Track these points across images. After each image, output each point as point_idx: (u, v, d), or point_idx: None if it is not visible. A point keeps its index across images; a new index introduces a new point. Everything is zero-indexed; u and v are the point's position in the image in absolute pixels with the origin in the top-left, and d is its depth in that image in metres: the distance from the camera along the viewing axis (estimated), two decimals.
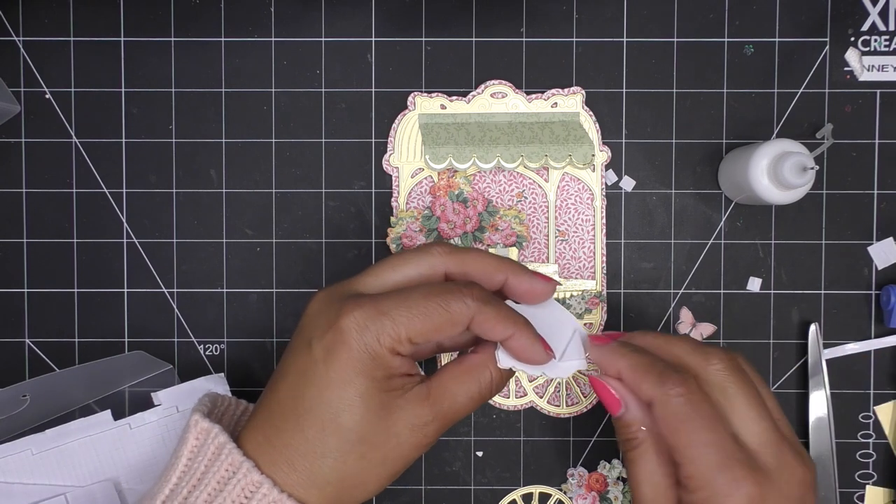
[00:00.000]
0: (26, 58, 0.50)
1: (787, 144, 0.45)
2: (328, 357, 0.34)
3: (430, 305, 0.35)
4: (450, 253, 0.37)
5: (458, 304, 0.35)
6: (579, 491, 0.50)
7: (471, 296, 0.35)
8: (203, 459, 0.36)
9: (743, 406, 0.35)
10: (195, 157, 0.50)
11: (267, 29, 0.50)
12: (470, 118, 0.50)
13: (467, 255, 0.37)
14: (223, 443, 0.35)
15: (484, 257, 0.38)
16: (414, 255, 0.37)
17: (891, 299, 0.49)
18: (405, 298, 0.35)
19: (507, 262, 0.38)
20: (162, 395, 0.46)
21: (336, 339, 0.34)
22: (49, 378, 0.45)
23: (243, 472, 0.34)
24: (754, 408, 0.35)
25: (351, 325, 0.34)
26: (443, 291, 0.35)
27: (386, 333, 0.34)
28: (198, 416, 0.37)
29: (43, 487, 0.44)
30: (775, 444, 0.34)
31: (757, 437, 0.34)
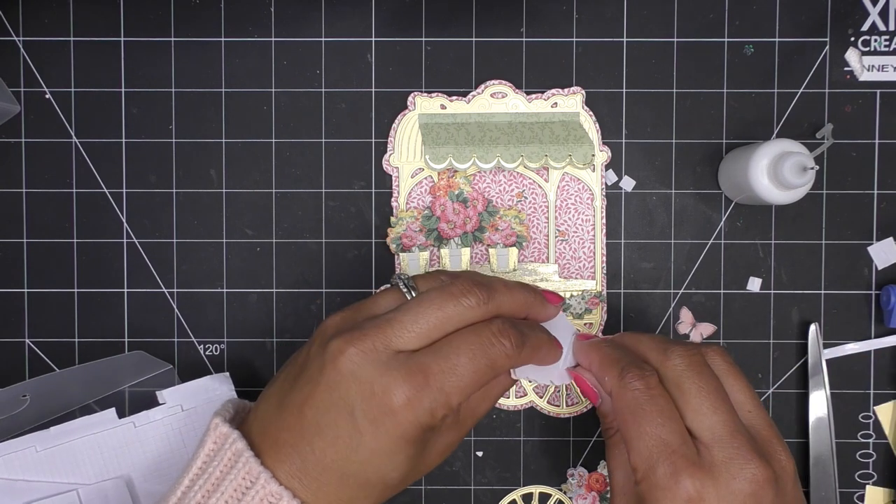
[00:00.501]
0: (26, 58, 0.50)
1: (787, 144, 0.45)
2: (377, 431, 0.34)
3: (478, 367, 0.35)
4: (486, 303, 0.37)
5: (503, 360, 0.36)
6: (579, 491, 0.50)
7: (510, 344, 0.36)
8: (219, 465, 0.35)
9: (696, 400, 0.35)
10: (195, 157, 0.50)
11: (267, 29, 0.50)
12: (470, 118, 0.50)
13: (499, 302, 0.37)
14: (240, 450, 0.35)
15: (513, 301, 0.38)
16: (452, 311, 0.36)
17: (891, 299, 0.49)
18: (454, 365, 0.35)
19: (530, 298, 0.38)
20: (167, 393, 0.46)
21: (386, 416, 0.34)
22: (49, 378, 0.45)
23: (261, 483, 0.34)
24: (708, 402, 0.35)
25: (402, 402, 0.34)
26: (487, 349, 0.35)
27: (439, 407, 0.34)
28: (218, 420, 0.37)
29: (47, 485, 0.44)
30: (728, 438, 0.34)
31: (709, 431, 0.34)
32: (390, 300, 0.38)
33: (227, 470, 0.35)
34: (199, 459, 0.36)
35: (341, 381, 0.34)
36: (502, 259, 0.50)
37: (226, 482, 0.35)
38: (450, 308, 0.36)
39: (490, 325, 0.36)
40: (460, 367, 0.34)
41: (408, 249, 0.50)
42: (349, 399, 0.34)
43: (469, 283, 0.37)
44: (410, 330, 0.35)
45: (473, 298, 0.36)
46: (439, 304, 0.36)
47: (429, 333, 0.35)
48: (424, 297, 0.36)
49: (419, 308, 0.36)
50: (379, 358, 0.34)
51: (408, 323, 0.35)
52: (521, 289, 0.38)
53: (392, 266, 0.50)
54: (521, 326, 0.37)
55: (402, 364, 0.34)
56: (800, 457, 0.50)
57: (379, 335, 0.35)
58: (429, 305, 0.36)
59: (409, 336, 0.35)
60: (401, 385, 0.34)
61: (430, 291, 0.36)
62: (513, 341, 0.36)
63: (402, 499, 0.50)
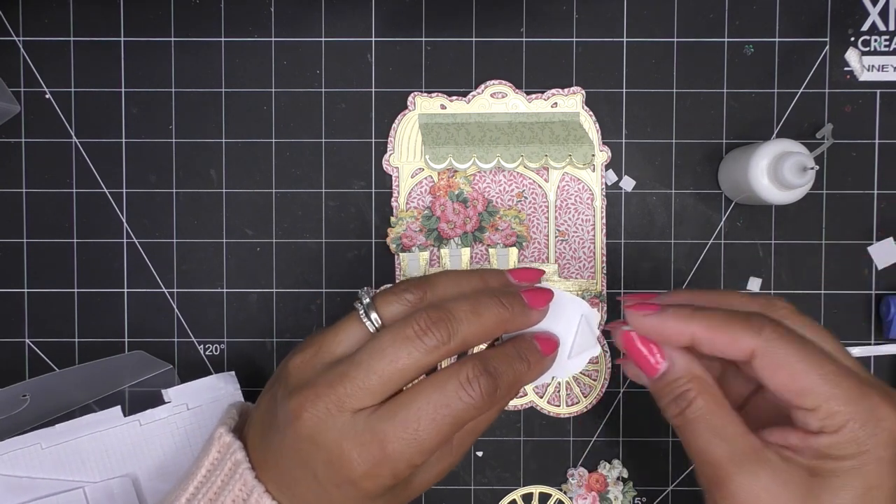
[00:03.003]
0: (26, 58, 0.50)
1: (787, 144, 0.45)
2: (342, 493, 0.33)
3: (440, 428, 0.32)
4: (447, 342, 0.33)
5: (471, 413, 0.33)
6: (579, 491, 0.50)
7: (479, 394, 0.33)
8: (220, 474, 0.35)
9: (826, 344, 0.33)
10: (195, 157, 0.50)
11: (267, 29, 0.50)
12: (470, 118, 0.50)
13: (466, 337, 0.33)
14: (239, 461, 0.35)
15: (481, 328, 0.34)
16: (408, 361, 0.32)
17: (891, 310, 0.49)
18: (413, 431, 0.32)
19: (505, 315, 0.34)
20: (172, 392, 0.46)
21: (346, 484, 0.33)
22: (49, 378, 0.45)
23: (255, 497, 0.34)
24: (834, 345, 0.33)
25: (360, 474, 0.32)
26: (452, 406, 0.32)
27: (402, 471, 0.32)
28: (222, 430, 0.36)
29: (52, 482, 0.44)
30: (865, 373, 0.32)
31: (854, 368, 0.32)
32: (350, 335, 0.35)
33: (227, 480, 0.35)
34: (203, 468, 0.36)
35: (301, 444, 0.33)
36: (502, 259, 0.50)
37: (225, 492, 0.35)
38: (403, 358, 0.32)
39: (457, 374, 0.33)
40: (422, 433, 0.32)
41: (408, 249, 0.50)
42: (311, 463, 0.33)
43: (426, 319, 0.33)
44: (363, 387, 0.32)
45: (431, 340, 0.33)
46: (392, 354, 0.32)
47: (383, 389, 0.33)
48: (376, 345, 0.33)
49: (370, 361, 0.33)
50: (334, 423, 0.32)
51: (359, 380, 0.32)
52: (493, 308, 0.34)
53: (392, 266, 0.50)
54: (494, 363, 0.33)
55: (358, 432, 0.32)
56: None
57: (331, 396, 0.32)
58: (380, 357, 0.32)
59: (363, 394, 0.32)
60: (356, 459, 0.32)
61: (382, 336, 0.33)
62: (483, 391, 0.32)
63: None
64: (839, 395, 0.31)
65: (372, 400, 0.33)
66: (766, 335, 0.32)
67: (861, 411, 0.30)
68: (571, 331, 0.36)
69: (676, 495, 0.50)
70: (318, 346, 0.35)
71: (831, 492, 0.30)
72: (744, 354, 0.32)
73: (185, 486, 0.36)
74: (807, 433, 0.31)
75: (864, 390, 0.31)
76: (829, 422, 0.31)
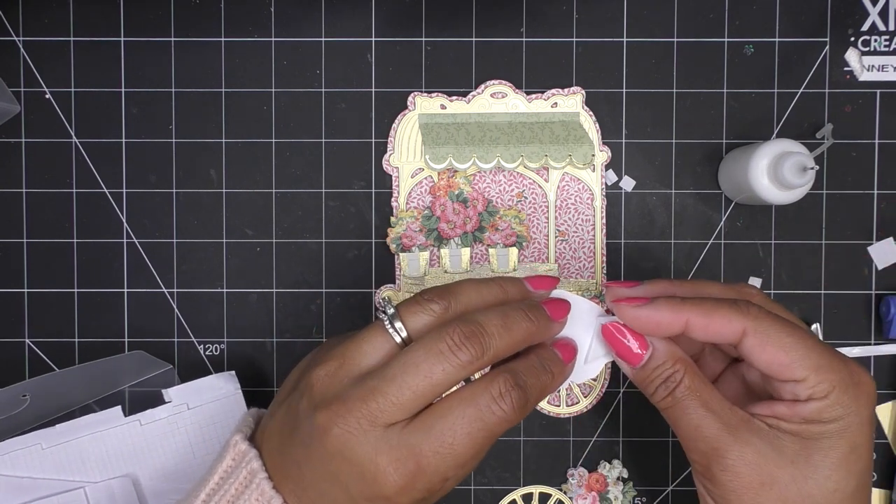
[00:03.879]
0: (26, 58, 0.50)
1: (787, 144, 0.45)
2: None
3: (475, 441, 0.32)
4: (480, 357, 0.33)
5: (503, 426, 0.33)
6: (579, 491, 0.50)
7: (511, 408, 0.33)
8: (234, 482, 0.35)
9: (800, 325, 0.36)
10: (195, 157, 0.50)
11: (267, 29, 0.50)
12: (470, 118, 0.50)
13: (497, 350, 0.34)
14: (255, 470, 0.35)
15: (511, 341, 0.34)
16: (441, 376, 0.33)
17: (890, 310, 0.49)
18: (449, 445, 0.32)
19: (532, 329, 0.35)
20: (172, 392, 0.46)
21: (380, 499, 0.32)
22: (49, 378, 0.45)
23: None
24: (800, 325, 0.36)
25: (395, 490, 0.32)
26: (485, 419, 0.32)
27: (436, 484, 0.32)
28: (238, 438, 0.36)
29: (53, 482, 0.44)
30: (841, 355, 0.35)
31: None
32: (376, 347, 0.35)
33: (242, 489, 0.35)
34: (216, 474, 0.36)
35: (331, 459, 0.32)
36: (502, 259, 0.50)
37: (240, 502, 0.34)
38: (438, 373, 0.32)
39: (489, 389, 0.33)
40: (457, 447, 0.32)
41: (408, 249, 0.50)
42: (341, 478, 0.33)
43: (460, 334, 0.33)
44: (395, 403, 0.32)
45: (465, 356, 0.33)
46: (426, 370, 0.32)
47: (417, 404, 0.32)
48: (410, 359, 0.33)
49: (404, 377, 0.32)
50: (367, 438, 0.32)
51: (392, 395, 0.32)
52: (521, 322, 0.34)
53: (392, 266, 0.50)
54: (524, 377, 0.34)
55: (393, 447, 0.32)
56: None
57: (363, 410, 0.32)
58: (415, 373, 0.32)
59: (395, 410, 0.32)
60: (392, 473, 0.32)
61: (415, 350, 0.33)
62: (515, 405, 0.33)
63: None
64: (824, 365, 0.33)
65: (404, 415, 0.33)
66: (755, 315, 0.34)
67: (844, 378, 0.33)
68: (588, 336, 0.37)
69: (676, 495, 0.50)
70: (343, 359, 0.35)
71: (822, 452, 0.33)
72: (736, 335, 0.34)
73: (196, 492, 0.36)
74: (794, 402, 0.34)
75: (843, 359, 0.34)
76: (817, 389, 0.33)
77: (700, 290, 0.36)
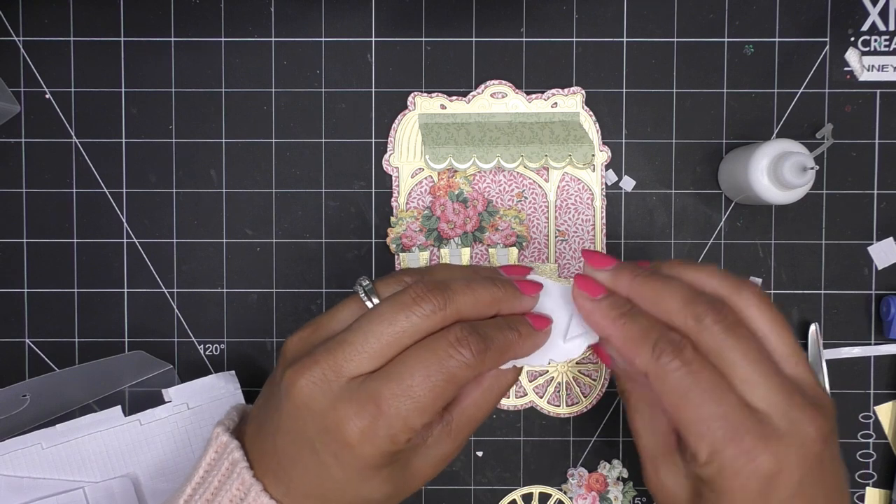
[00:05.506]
0: (26, 58, 0.50)
1: (787, 144, 0.45)
2: (340, 463, 0.33)
3: (434, 385, 0.32)
4: (442, 309, 0.34)
5: (463, 371, 0.33)
6: (579, 491, 0.50)
7: (470, 353, 0.33)
8: (217, 474, 0.35)
9: (744, 370, 0.32)
10: (195, 157, 0.50)
11: (267, 29, 0.50)
12: (470, 118, 0.50)
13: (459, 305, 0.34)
14: (236, 460, 0.35)
15: (476, 301, 0.35)
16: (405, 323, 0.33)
17: (891, 310, 0.49)
18: (408, 387, 0.32)
19: (497, 293, 0.35)
20: (172, 391, 0.46)
21: (344, 450, 0.33)
22: (49, 378, 0.45)
23: (253, 495, 0.34)
24: (756, 367, 0.32)
25: (357, 435, 0.32)
26: (443, 363, 0.33)
27: (398, 434, 0.33)
28: (219, 430, 0.37)
29: (53, 482, 0.44)
30: (785, 402, 0.32)
31: (765, 401, 0.32)
32: (349, 312, 0.36)
33: (224, 480, 0.35)
34: (201, 469, 0.36)
35: (297, 414, 0.33)
36: (502, 259, 0.50)
37: (222, 492, 0.35)
38: (401, 321, 0.33)
39: (446, 335, 0.33)
40: (415, 388, 0.32)
41: (408, 249, 0.50)
42: (307, 433, 0.33)
43: (423, 288, 0.34)
44: (361, 352, 0.33)
45: (428, 306, 0.33)
46: (390, 317, 0.33)
47: (381, 352, 0.33)
48: (375, 311, 0.34)
49: (369, 325, 0.33)
50: (330, 388, 0.33)
51: (357, 344, 0.33)
52: (486, 285, 0.35)
53: (392, 266, 0.50)
54: (484, 329, 0.34)
55: (353, 394, 0.32)
56: None
57: (329, 362, 0.33)
58: (379, 321, 0.33)
59: (361, 359, 0.33)
60: (352, 418, 0.32)
61: (381, 304, 0.34)
62: (473, 349, 0.33)
63: None
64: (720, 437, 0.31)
65: (369, 365, 0.33)
66: (662, 363, 0.32)
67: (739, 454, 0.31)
68: (566, 315, 0.37)
69: None
70: (316, 326, 0.36)
71: None
72: (642, 372, 0.33)
73: (183, 487, 0.36)
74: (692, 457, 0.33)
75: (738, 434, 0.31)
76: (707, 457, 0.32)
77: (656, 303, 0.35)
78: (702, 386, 0.32)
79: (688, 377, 0.32)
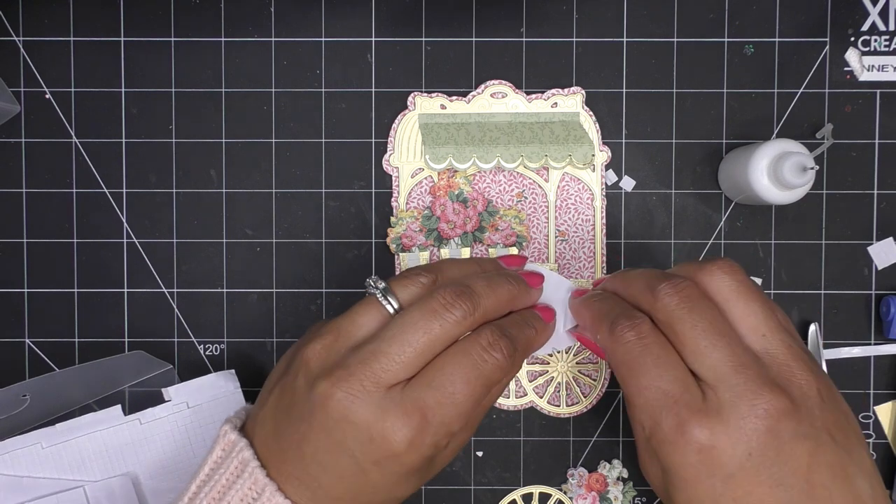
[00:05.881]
0: (26, 58, 0.50)
1: (787, 144, 0.45)
2: (382, 470, 0.33)
3: (474, 389, 0.33)
4: (472, 314, 0.35)
5: (498, 374, 0.34)
6: (579, 491, 0.50)
7: (503, 356, 0.34)
8: (225, 472, 0.35)
9: (692, 339, 0.32)
10: (195, 157, 0.50)
11: (267, 29, 0.50)
12: (470, 118, 0.50)
13: (486, 309, 0.35)
14: (247, 459, 0.35)
15: (497, 300, 0.36)
16: (439, 332, 0.34)
17: (891, 310, 0.49)
18: (451, 395, 0.33)
19: (514, 291, 0.37)
20: (172, 391, 0.46)
21: (389, 459, 0.33)
22: (49, 378, 0.45)
23: (267, 495, 0.34)
24: (705, 338, 0.32)
25: (404, 446, 0.32)
26: (480, 369, 0.33)
27: (442, 438, 0.33)
28: (227, 427, 0.36)
29: (53, 481, 0.44)
30: (731, 374, 0.31)
31: (711, 371, 0.31)
32: (370, 319, 0.36)
33: (234, 479, 0.35)
34: (206, 466, 0.36)
35: (335, 427, 0.33)
36: None
37: (232, 491, 0.34)
38: (436, 329, 0.34)
39: (479, 340, 0.34)
40: (458, 395, 0.33)
41: (408, 249, 0.50)
42: (347, 444, 0.33)
43: (451, 293, 0.34)
44: (398, 362, 0.33)
45: (459, 312, 0.34)
46: (424, 326, 0.34)
47: (416, 361, 0.34)
48: (407, 319, 0.34)
49: (404, 335, 0.33)
50: (371, 399, 0.33)
51: (394, 354, 0.33)
52: (504, 284, 0.36)
53: (392, 266, 0.50)
54: (509, 329, 0.35)
55: (397, 404, 0.33)
56: None
57: (366, 373, 0.33)
58: (414, 331, 0.34)
59: (398, 368, 0.33)
60: (400, 429, 0.32)
61: (412, 311, 0.34)
62: (505, 352, 0.34)
63: None
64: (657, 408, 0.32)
65: (405, 374, 0.33)
66: (616, 336, 0.33)
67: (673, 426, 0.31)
68: (563, 305, 0.38)
69: None
70: (337, 332, 0.35)
71: None
72: (603, 348, 0.35)
73: (188, 485, 0.36)
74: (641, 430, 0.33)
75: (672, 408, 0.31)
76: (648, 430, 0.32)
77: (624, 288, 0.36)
78: (649, 357, 0.32)
79: (637, 349, 0.32)
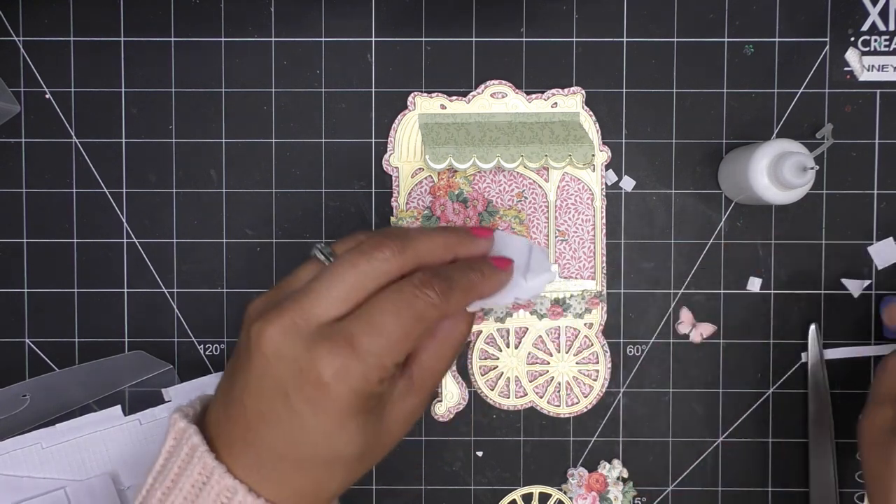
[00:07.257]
0: (26, 58, 0.50)
1: (787, 144, 0.45)
2: (315, 408, 0.33)
3: (404, 323, 0.34)
4: (401, 253, 0.35)
5: (430, 310, 0.34)
6: (579, 491, 0.50)
7: (435, 293, 0.34)
8: (177, 461, 0.35)
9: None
10: (195, 157, 0.50)
11: (267, 29, 0.50)
12: (470, 118, 0.50)
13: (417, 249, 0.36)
14: (196, 445, 0.34)
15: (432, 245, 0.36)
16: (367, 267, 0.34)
17: None
18: (379, 326, 0.33)
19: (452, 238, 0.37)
20: (172, 391, 0.46)
21: (318, 392, 0.33)
22: (49, 378, 0.45)
23: (216, 478, 0.34)
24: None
25: (331, 374, 0.33)
26: (411, 303, 0.34)
27: (371, 372, 0.33)
28: (177, 416, 0.36)
29: (52, 481, 0.44)
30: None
31: None
32: (309, 272, 0.37)
33: (185, 466, 0.35)
34: (161, 458, 0.36)
35: (268, 364, 0.33)
36: None
37: (183, 478, 0.34)
38: (363, 266, 0.34)
39: (410, 279, 0.35)
40: (386, 326, 0.33)
41: None
42: (280, 381, 0.33)
43: (381, 236, 0.35)
44: (328, 297, 0.34)
45: (387, 250, 0.35)
46: (352, 263, 0.35)
47: (347, 297, 0.34)
48: (338, 260, 0.35)
49: (333, 273, 0.35)
50: (300, 333, 0.33)
51: (324, 290, 0.34)
52: (440, 231, 0.37)
53: None
54: (447, 271, 0.35)
55: (326, 336, 0.33)
56: (800, 456, 0.50)
57: (297, 309, 0.34)
58: (343, 268, 0.35)
59: (328, 304, 0.34)
60: (326, 357, 0.33)
61: (343, 254, 0.35)
62: (437, 290, 0.34)
63: (402, 499, 0.50)
64: None
65: (336, 310, 0.34)
66: None
67: None
68: (523, 257, 0.38)
69: (676, 495, 0.50)
70: (279, 287, 0.37)
71: None
72: None
73: (146, 478, 0.36)
74: None
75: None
76: None
77: None
78: None
79: None
